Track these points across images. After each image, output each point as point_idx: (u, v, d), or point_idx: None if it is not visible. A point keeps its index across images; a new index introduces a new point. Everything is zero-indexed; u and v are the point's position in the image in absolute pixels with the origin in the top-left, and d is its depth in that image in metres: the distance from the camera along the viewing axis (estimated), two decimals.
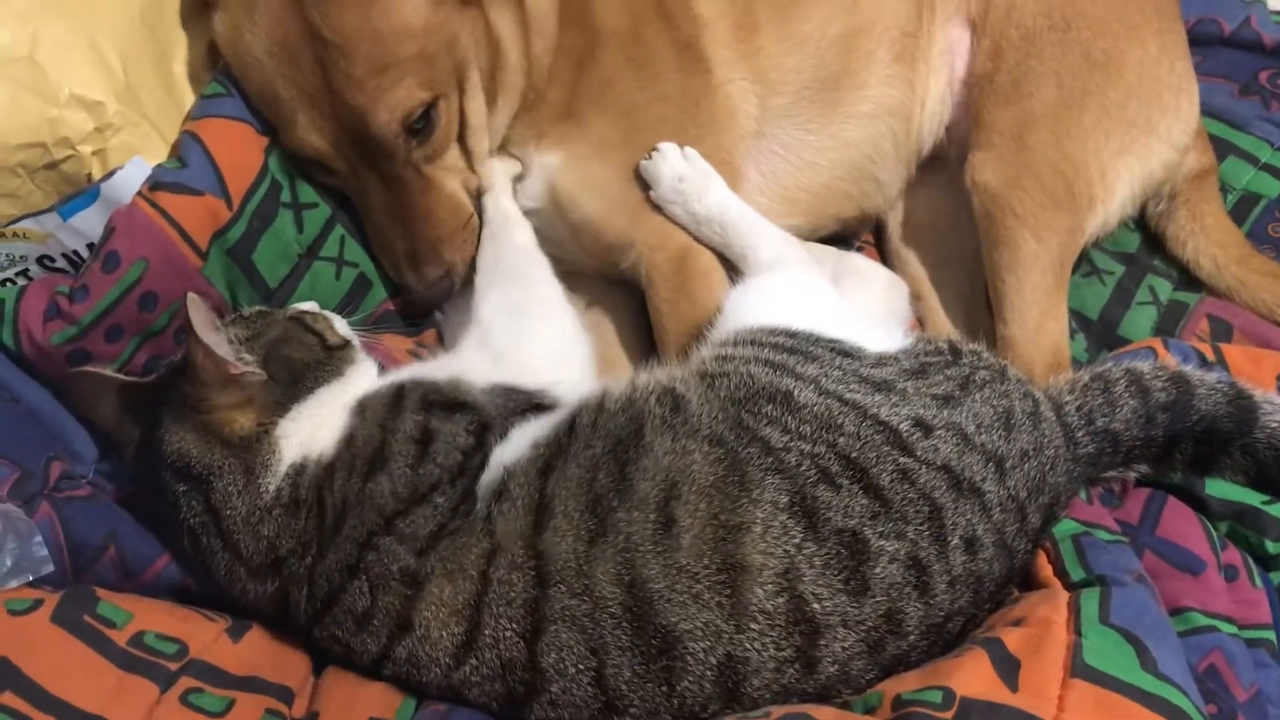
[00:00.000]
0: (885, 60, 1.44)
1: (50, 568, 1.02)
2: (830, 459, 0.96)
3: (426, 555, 0.96)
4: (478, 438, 1.03)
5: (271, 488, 1.01)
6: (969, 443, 0.99)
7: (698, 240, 1.31)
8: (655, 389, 1.04)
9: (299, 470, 1.02)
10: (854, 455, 0.96)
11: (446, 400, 1.06)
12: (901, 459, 0.97)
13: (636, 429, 0.99)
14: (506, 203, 1.33)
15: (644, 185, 1.32)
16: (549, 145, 1.35)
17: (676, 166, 1.30)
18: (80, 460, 1.16)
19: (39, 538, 1.02)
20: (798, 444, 0.97)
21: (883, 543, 0.92)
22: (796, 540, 0.92)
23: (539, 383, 1.12)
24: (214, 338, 1.01)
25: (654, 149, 1.31)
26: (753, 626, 0.90)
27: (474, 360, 1.15)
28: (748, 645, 0.90)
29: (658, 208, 1.31)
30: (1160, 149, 1.42)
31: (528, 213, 1.35)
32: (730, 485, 0.94)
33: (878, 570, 0.92)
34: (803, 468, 0.95)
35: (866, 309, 1.32)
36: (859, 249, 1.56)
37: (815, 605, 0.90)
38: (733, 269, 1.30)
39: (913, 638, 0.93)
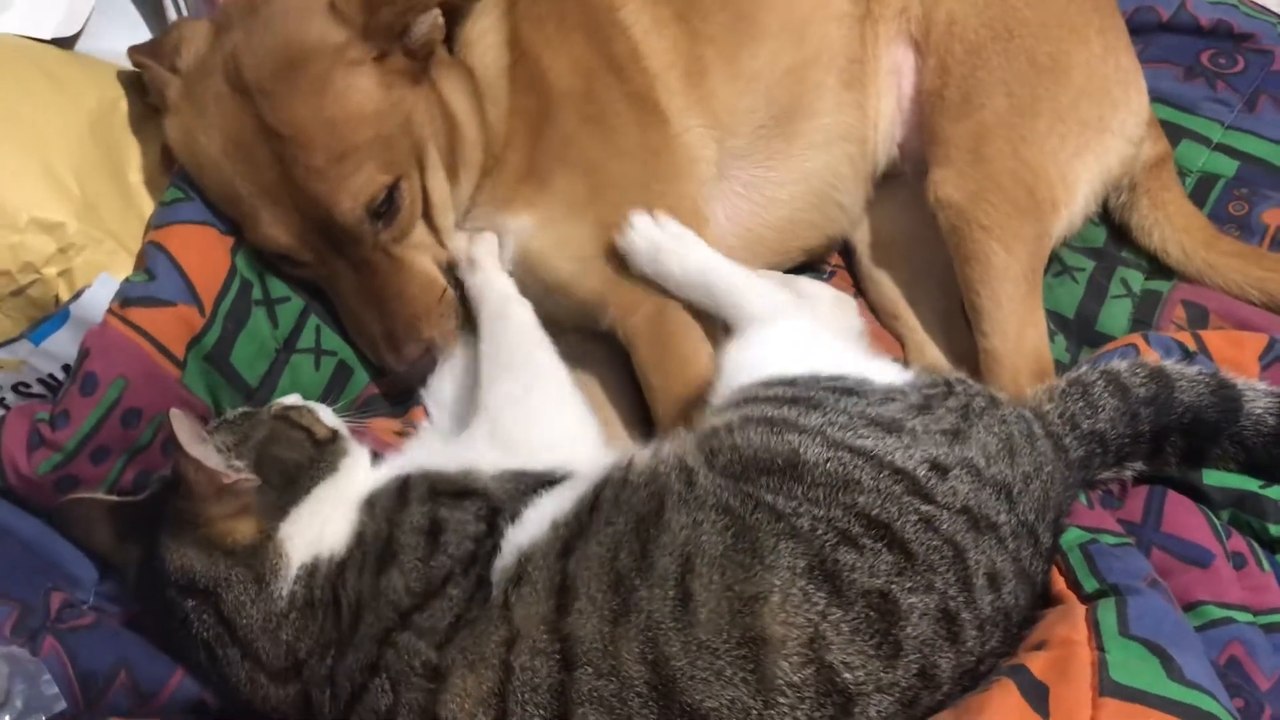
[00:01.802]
0: (835, 88, 1.44)
1: (62, 705, 1.01)
2: (849, 521, 0.93)
3: (446, 648, 0.95)
4: (489, 524, 1.02)
5: (284, 592, 1.00)
6: (981, 477, 0.98)
7: (679, 300, 1.28)
8: (674, 463, 1.01)
9: (311, 571, 1.01)
10: (875, 513, 0.93)
11: (454, 489, 1.05)
12: (923, 507, 0.94)
13: (658, 505, 0.97)
14: (501, 281, 1.30)
15: (613, 246, 1.29)
16: (516, 209, 1.34)
17: (652, 236, 1.27)
18: (80, 586, 1.15)
19: (47, 675, 1.01)
20: (809, 509, 0.94)
21: (912, 599, 0.90)
22: (820, 607, 0.89)
23: (550, 464, 1.10)
24: (201, 450, 0.99)
25: (626, 223, 1.27)
26: (781, 701, 0.87)
27: (485, 452, 1.13)
28: None
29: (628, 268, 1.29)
30: (1116, 144, 1.43)
31: None
32: (741, 553, 0.91)
33: (909, 630, 0.89)
34: (818, 532, 0.92)
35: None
36: (830, 274, 1.57)
37: (847, 675, 0.87)
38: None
39: (947, 687, 0.91)
